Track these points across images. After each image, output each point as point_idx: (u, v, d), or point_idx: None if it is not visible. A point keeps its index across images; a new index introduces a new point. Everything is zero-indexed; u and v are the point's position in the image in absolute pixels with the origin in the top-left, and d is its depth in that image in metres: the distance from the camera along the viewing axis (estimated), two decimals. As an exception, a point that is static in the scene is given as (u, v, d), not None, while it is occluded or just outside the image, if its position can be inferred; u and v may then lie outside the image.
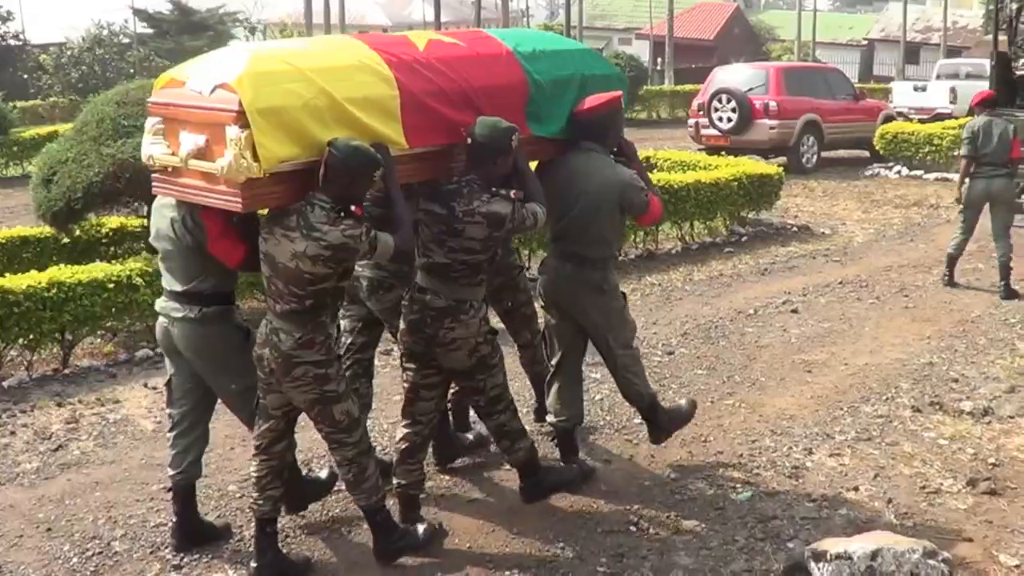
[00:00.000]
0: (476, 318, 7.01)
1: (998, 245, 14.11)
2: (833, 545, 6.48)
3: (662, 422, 8.24)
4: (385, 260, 6.72)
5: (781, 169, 19.27)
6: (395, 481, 7.33)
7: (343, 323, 7.68)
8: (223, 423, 9.28)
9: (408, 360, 7.21)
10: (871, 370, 10.75)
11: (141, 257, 11.79)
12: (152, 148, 6.53)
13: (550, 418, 8.28)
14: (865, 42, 79.39)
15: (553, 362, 8.14)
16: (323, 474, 7.94)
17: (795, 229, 18.22)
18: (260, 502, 6.80)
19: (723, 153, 22.73)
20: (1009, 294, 13.82)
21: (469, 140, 6.82)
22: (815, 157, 26.16)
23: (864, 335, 12.02)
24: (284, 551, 7.02)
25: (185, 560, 7.12)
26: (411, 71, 6.75)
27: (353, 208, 6.29)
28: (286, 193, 6.23)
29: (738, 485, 8.08)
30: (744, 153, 22.80)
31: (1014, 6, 14.96)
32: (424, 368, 7.18)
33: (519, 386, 9.23)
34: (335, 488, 7.85)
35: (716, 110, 25.55)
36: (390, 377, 10.47)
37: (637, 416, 8.62)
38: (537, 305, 8.46)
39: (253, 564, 6.84)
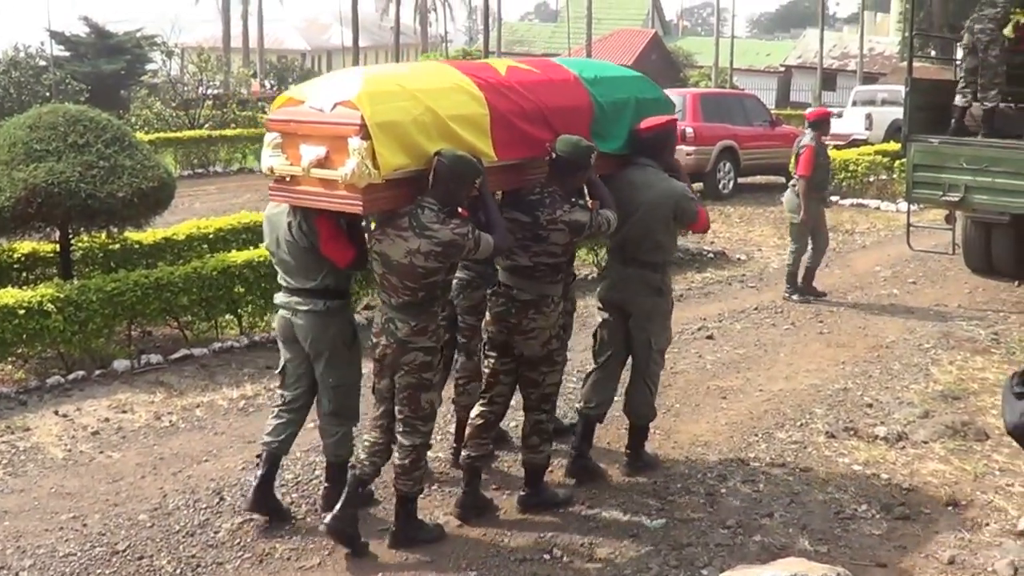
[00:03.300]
0: (555, 312, 7.80)
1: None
2: (747, 572, 6.48)
3: (643, 453, 8.93)
4: (485, 256, 7.34)
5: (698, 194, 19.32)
6: (465, 453, 8.00)
7: None
8: (134, 451, 9.22)
9: (490, 349, 7.97)
10: (786, 396, 10.79)
11: (53, 283, 11.62)
12: (272, 160, 7.24)
13: (579, 405, 8.92)
14: (782, 68, 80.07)
15: (600, 360, 8.80)
16: None
17: (711, 255, 18.27)
18: (365, 464, 7.45)
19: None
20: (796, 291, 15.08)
21: (553, 155, 7.58)
22: (731, 183, 26.30)
23: (779, 361, 12.07)
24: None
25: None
26: (498, 93, 7.53)
27: (460, 210, 7.15)
28: (397, 198, 7.01)
29: (652, 512, 8.05)
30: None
31: (978, 32, 15.02)
32: (503, 356, 7.92)
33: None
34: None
35: (633, 136, 25.54)
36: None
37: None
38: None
39: (334, 513, 7.40)
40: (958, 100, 15.38)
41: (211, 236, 14.21)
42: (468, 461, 7.97)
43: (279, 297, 7.81)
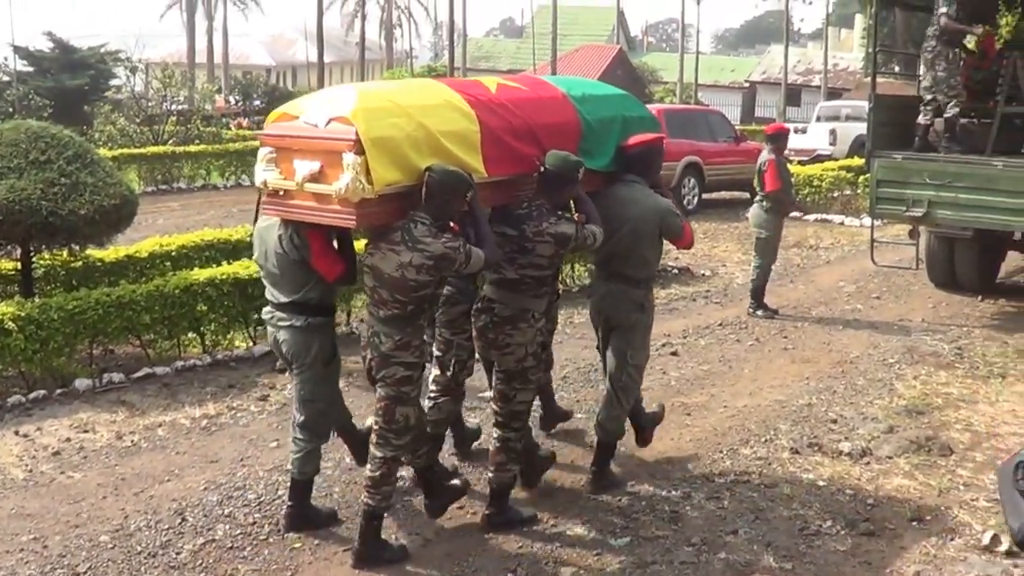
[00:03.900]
0: (534, 328, 7.87)
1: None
2: (711, 590, 6.47)
3: (608, 471, 8.93)
4: (475, 270, 7.37)
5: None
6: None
7: None
8: (96, 471, 9.16)
9: (484, 365, 8.38)
10: (750, 412, 10.78)
11: (14, 301, 11.55)
12: (266, 174, 7.33)
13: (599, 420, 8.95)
14: (747, 84, 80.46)
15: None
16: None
17: (675, 271, 18.27)
18: (415, 461, 7.80)
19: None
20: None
21: (542, 169, 7.72)
22: (696, 199, 26.35)
23: (743, 377, 12.06)
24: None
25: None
26: (488, 110, 7.64)
27: (452, 224, 7.26)
28: (389, 212, 7.09)
29: (617, 530, 8.02)
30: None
31: (925, 50, 15.09)
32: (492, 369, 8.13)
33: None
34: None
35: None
36: (266, 423, 10.37)
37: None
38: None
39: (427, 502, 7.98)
40: (920, 118, 15.43)
41: (174, 253, 14.14)
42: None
43: (265, 312, 7.97)
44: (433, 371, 8.67)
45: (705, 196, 26.84)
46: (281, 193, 7.33)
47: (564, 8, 74.46)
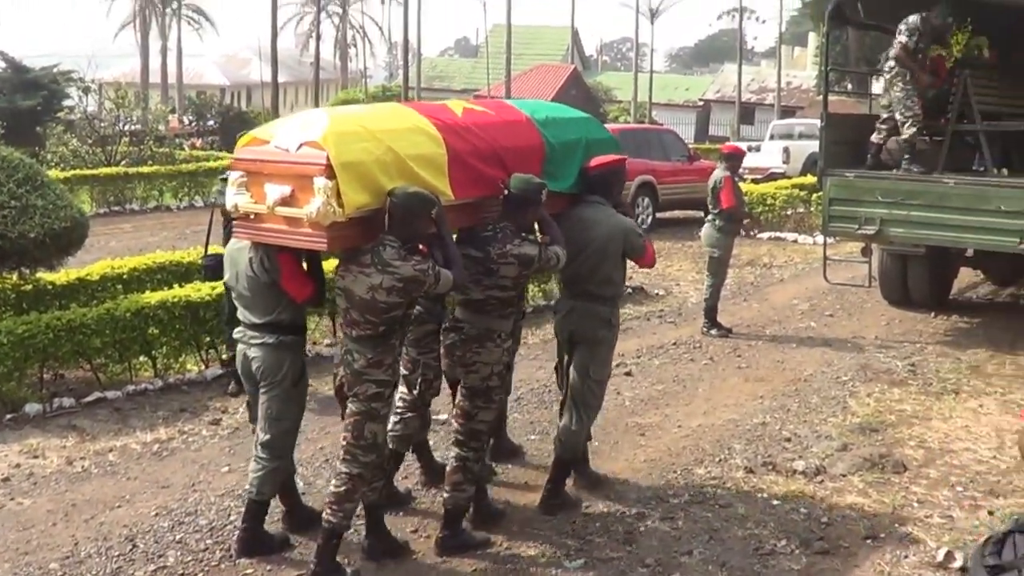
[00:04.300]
0: (500, 348, 8.02)
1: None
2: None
3: (562, 491, 8.92)
4: (444, 292, 7.60)
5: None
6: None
7: None
8: (46, 498, 9.08)
9: (449, 384, 8.41)
10: (704, 431, 10.78)
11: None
12: (237, 198, 7.40)
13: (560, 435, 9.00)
14: (701, 103, 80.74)
15: (566, 390, 9.02)
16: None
17: (630, 291, 18.19)
18: (367, 493, 7.62)
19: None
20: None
21: (506, 192, 7.85)
22: (650, 218, 26.38)
23: (698, 396, 12.06)
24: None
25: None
26: (455, 133, 7.77)
27: (420, 247, 7.36)
28: (359, 235, 7.18)
29: (571, 552, 7.99)
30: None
31: (885, 70, 15.14)
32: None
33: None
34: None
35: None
36: (218, 448, 10.30)
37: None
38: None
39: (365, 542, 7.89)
40: (874, 136, 15.50)
41: (125, 276, 14.03)
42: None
43: (237, 332, 7.98)
44: (400, 389, 8.60)
45: (659, 215, 26.86)
46: (252, 216, 7.39)
47: (519, 28, 74.64)
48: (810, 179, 26.85)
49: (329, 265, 8.73)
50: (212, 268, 11.84)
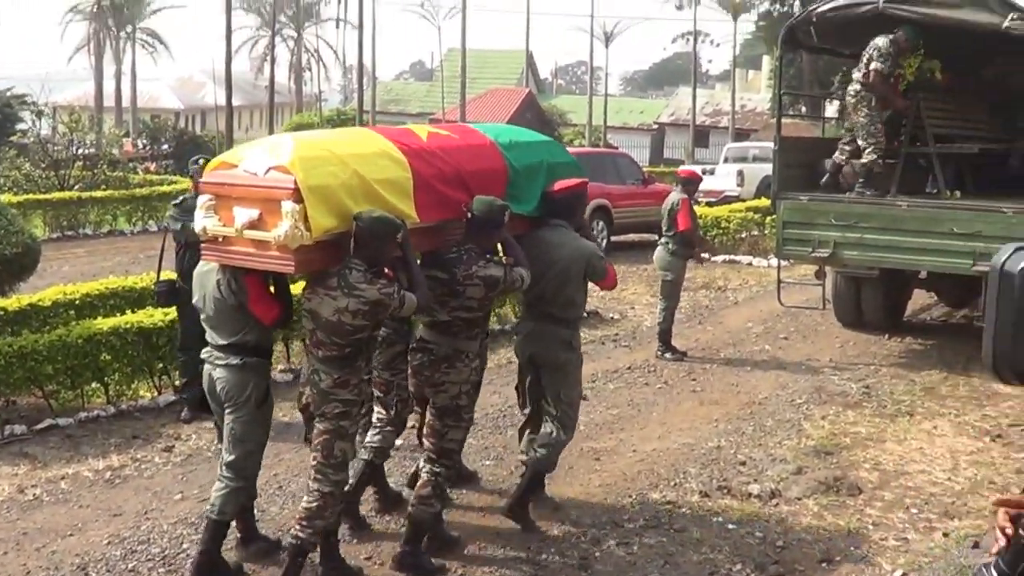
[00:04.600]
0: (469, 367, 8.11)
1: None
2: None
3: (526, 507, 8.99)
4: (408, 314, 7.75)
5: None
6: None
7: None
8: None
9: (417, 404, 8.62)
10: (659, 456, 10.77)
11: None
12: (205, 221, 7.49)
13: (522, 456, 9.24)
14: (655, 126, 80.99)
15: (526, 411, 9.25)
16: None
17: (585, 314, 18.19)
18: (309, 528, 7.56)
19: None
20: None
21: (469, 215, 7.95)
22: (604, 242, 26.35)
23: (652, 420, 12.05)
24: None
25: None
26: (420, 157, 7.89)
27: (386, 270, 7.46)
28: (325, 258, 7.29)
29: (526, 577, 7.97)
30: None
31: (849, 94, 15.22)
32: (427, 410, 8.28)
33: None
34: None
35: (506, 195, 25.54)
36: (171, 475, 10.23)
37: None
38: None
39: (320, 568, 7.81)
40: (836, 155, 15.57)
41: (77, 302, 13.92)
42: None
43: (204, 352, 8.01)
44: (376, 411, 8.79)
45: (613, 239, 26.85)
46: (220, 239, 7.50)
47: (473, 51, 74.80)
48: (764, 202, 26.88)
49: (297, 288, 8.71)
50: (165, 294, 11.77)
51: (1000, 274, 2.22)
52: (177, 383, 12.32)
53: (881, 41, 14.92)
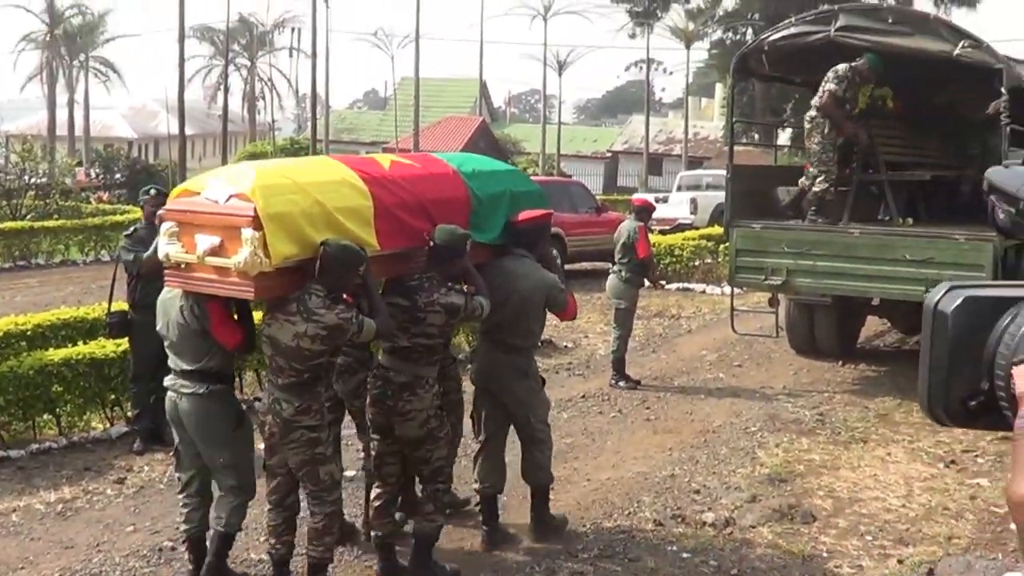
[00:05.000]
0: (430, 393, 8.17)
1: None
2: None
3: (547, 515, 9.37)
4: (368, 340, 7.88)
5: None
6: (373, 534, 8.55)
7: None
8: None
9: (374, 431, 8.40)
10: (613, 484, 10.76)
11: None
12: (168, 248, 7.60)
13: (476, 485, 9.32)
14: (609, 154, 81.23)
15: (481, 438, 9.30)
16: None
17: (539, 343, 18.20)
18: (278, 547, 7.84)
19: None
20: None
21: (431, 243, 8.06)
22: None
23: (606, 449, 12.04)
24: None
25: None
26: (381, 186, 8.00)
27: (345, 296, 7.54)
28: (285, 285, 7.43)
29: (481, 608, 7.95)
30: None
31: (806, 120, 15.29)
32: (386, 437, 8.28)
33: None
34: None
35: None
36: (123, 507, 10.16)
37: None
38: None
39: None
40: (802, 180, 15.63)
41: (29, 333, 13.77)
42: (379, 541, 8.44)
43: (167, 380, 8.08)
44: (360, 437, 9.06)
45: (567, 267, 26.82)
46: (183, 266, 7.60)
47: (427, 80, 74.85)
48: (718, 230, 27.06)
49: (260, 313, 8.73)
50: (117, 325, 11.72)
51: (933, 313, 2.24)
52: (129, 414, 12.25)
53: (842, 66, 15.01)
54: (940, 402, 2.25)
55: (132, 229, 11.84)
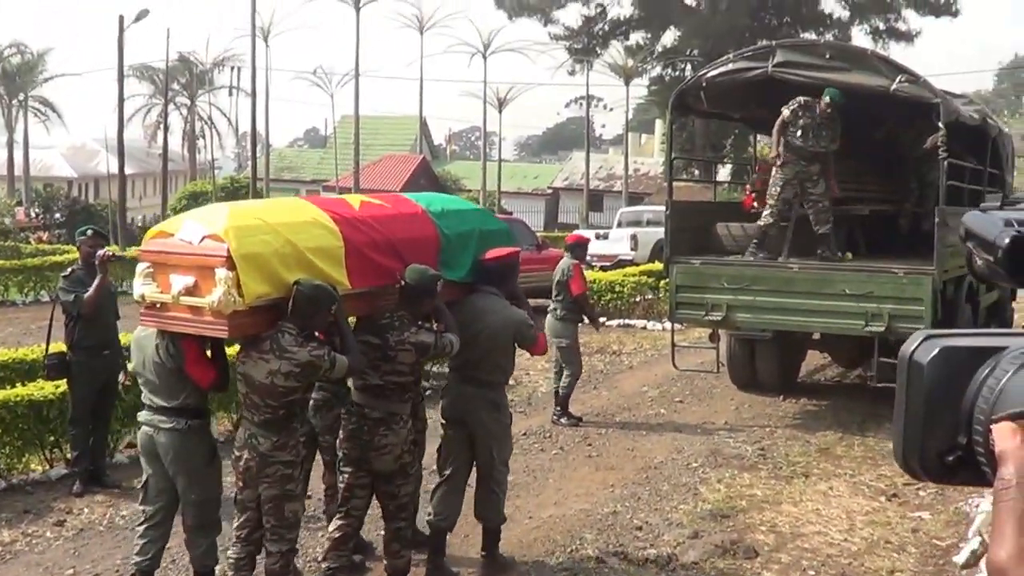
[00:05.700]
0: (404, 429, 8.40)
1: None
2: None
3: (497, 555, 9.55)
4: (340, 377, 8.00)
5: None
6: (325, 566, 8.51)
7: None
8: None
9: (345, 464, 8.49)
10: (556, 522, 10.74)
11: None
12: (143, 288, 7.77)
13: (428, 518, 9.35)
14: (550, 191, 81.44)
15: (446, 472, 9.37)
16: None
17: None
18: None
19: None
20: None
21: (402, 283, 8.25)
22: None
23: (548, 487, 12.02)
24: None
25: None
26: (351, 226, 8.21)
27: (317, 334, 7.77)
28: (259, 323, 7.59)
29: (423, 649, 7.92)
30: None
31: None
32: (358, 471, 8.42)
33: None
34: None
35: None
36: (62, 550, 10.07)
37: None
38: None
39: None
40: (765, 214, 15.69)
41: (-35, 375, 13.73)
42: (329, 573, 8.45)
43: (142, 415, 8.28)
44: (325, 473, 9.24)
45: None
46: (158, 305, 7.78)
47: (367, 118, 74.85)
48: (658, 266, 27.04)
49: (234, 351, 8.73)
50: (55, 367, 11.64)
51: (909, 363, 2.23)
52: (69, 456, 12.14)
53: (803, 97, 15.09)
54: (915, 456, 2.23)
55: (70, 270, 11.78)
